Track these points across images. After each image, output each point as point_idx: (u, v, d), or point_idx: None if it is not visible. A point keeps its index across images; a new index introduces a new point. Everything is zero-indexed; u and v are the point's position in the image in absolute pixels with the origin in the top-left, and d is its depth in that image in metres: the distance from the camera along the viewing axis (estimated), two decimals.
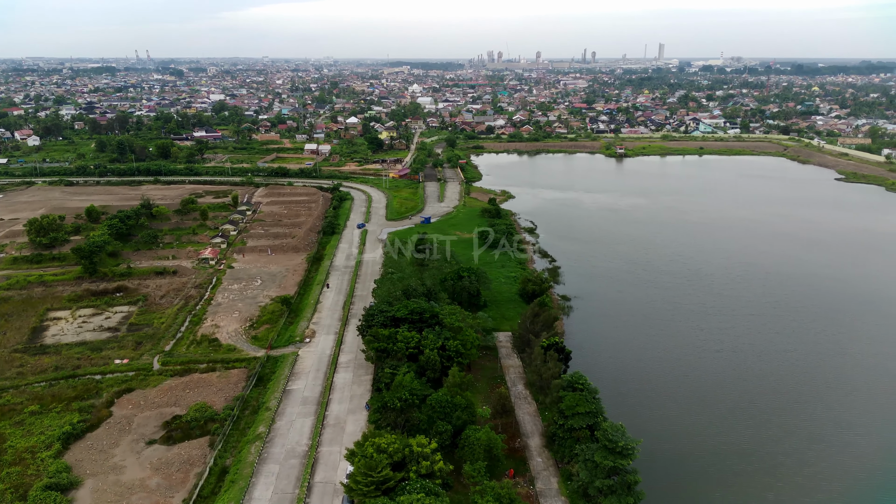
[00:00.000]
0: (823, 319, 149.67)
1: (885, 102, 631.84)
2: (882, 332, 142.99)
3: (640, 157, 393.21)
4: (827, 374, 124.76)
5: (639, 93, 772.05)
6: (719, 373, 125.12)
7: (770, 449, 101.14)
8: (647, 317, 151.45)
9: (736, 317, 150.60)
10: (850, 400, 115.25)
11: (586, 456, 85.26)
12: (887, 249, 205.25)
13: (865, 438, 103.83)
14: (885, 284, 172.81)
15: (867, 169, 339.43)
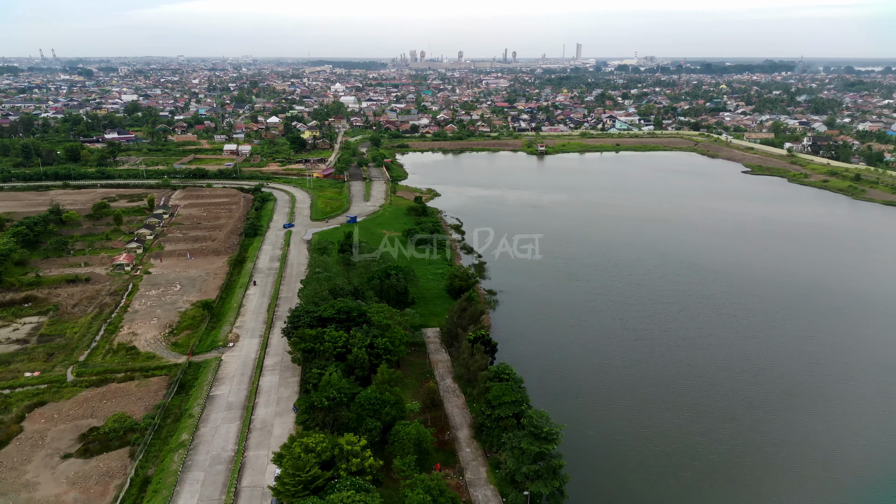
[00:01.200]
0: (733, 304, 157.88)
1: (787, 99, 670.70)
2: (788, 314, 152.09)
3: (561, 155, 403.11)
4: (737, 356, 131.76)
5: (558, 92, 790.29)
6: (638, 359, 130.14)
7: (686, 429, 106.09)
8: (569, 308, 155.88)
9: (653, 305, 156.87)
10: (759, 380, 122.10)
11: (513, 443, 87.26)
12: (789, 236, 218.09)
13: (773, 415, 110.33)
14: (788, 269, 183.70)
15: (771, 161, 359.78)
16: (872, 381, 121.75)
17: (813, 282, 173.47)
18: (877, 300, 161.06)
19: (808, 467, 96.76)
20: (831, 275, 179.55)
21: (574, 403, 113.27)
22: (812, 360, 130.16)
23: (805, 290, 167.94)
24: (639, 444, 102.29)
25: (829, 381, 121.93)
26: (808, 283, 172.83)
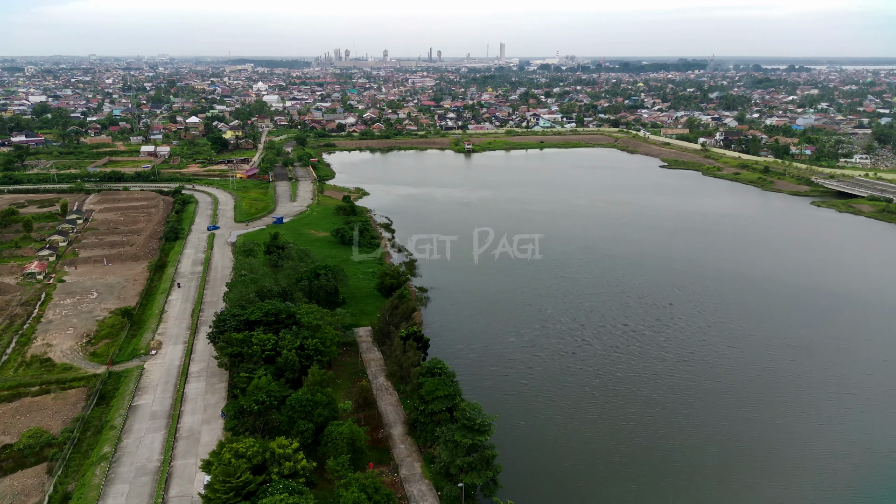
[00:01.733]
0: (655, 294, 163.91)
1: (700, 96, 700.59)
2: (705, 302, 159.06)
3: (487, 152, 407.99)
4: (659, 343, 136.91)
5: (483, 90, 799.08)
6: (566, 350, 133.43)
7: (612, 415, 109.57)
8: (499, 302, 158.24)
9: (579, 298, 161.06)
10: (680, 365, 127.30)
11: (447, 437, 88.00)
12: (705, 227, 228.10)
13: (694, 398, 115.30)
14: (705, 259, 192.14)
15: (686, 156, 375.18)
16: (783, 359, 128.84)
17: (728, 269, 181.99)
18: (784, 285, 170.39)
19: (726, 447, 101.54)
20: (744, 262, 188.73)
21: (505, 395, 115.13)
22: (728, 343, 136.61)
23: (721, 278, 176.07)
24: (568, 431, 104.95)
25: (745, 363, 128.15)
26: (723, 270, 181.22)
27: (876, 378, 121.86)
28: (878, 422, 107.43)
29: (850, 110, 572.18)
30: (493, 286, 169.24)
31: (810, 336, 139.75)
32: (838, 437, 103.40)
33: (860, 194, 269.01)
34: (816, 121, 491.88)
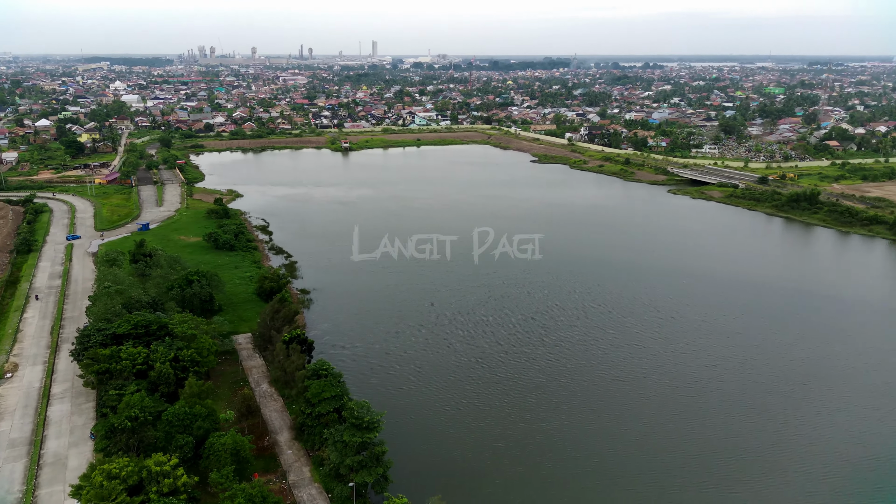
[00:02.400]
0: (532, 284, 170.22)
1: (565, 93, 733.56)
2: (578, 287, 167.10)
3: (365, 150, 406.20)
4: (538, 330, 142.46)
5: (357, 88, 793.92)
6: (449, 342, 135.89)
7: (497, 402, 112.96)
8: (384, 300, 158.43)
9: (461, 291, 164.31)
10: (559, 349, 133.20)
11: (335, 438, 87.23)
12: (575, 219, 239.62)
13: (574, 381, 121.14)
14: (575, 248, 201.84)
15: (555, 151, 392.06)
16: (648, 338, 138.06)
17: (598, 256, 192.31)
18: (649, 268, 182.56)
19: (603, 424, 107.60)
20: (611, 249, 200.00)
21: (393, 391, 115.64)
22: (599, 326, 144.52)
23: (594, 264, 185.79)
24: (455, 422, 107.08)
25: (616, 344, 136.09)
26: (594, 258, 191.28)
27: (710, 342, 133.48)
28: (682, 387, 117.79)
29: (699, 104, 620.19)
30: (376, 284, 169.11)
31: (669, 313, 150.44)
32: (673, 400, 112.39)
33: (710, 181, 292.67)
34: (670, 115, 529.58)
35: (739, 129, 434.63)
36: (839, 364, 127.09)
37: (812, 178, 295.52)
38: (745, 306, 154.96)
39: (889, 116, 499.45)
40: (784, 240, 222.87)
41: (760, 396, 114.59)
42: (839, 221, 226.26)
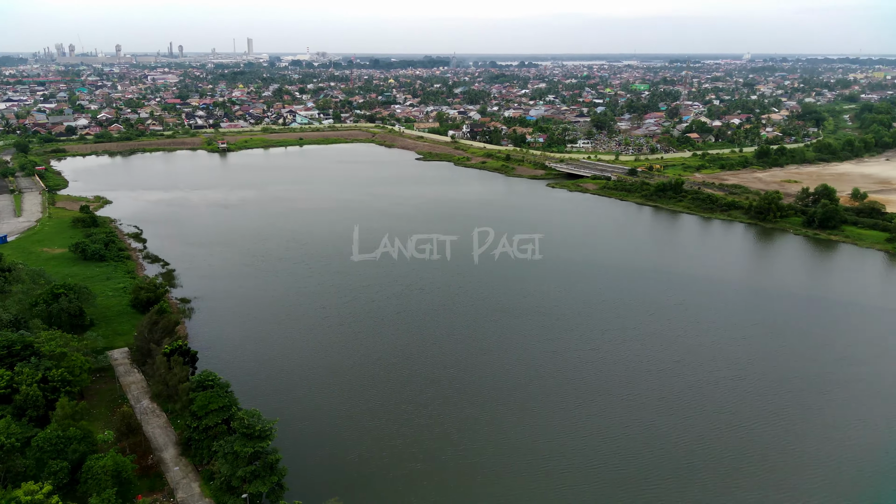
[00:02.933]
0: (419, 280, 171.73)
1: (446, 91, 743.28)
2: (467, 280, 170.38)
3: (244, 151, 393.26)
4: (428, 325, 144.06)
5: (234, 87, 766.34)
6: (343, 343, 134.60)
7: (394, 401, 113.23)
8: (273, 304, 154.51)
9: (350, 291, 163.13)
10: (453, 343, 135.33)
11: (226, 449, 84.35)
12: (459, 213, 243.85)
13: (469, 374, 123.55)
14: (460, 243, 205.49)
15: (439, 148, 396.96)
16: (534, 326, 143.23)
17: (489, 251, 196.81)
18: (540, 260, 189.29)
19: (498, 413, 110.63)
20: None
21: (285, 396, 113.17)
22: (493, 318, 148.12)
23: (478, 258, 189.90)
24: (351, 423, 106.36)
25: (508, 338, 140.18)
26: (479, 252, 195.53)
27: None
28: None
29: (572, 101, 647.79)
30: (264, 288, 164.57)
31: (548, 301, 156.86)
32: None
33: (585, 174, 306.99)
34: (546, 111, 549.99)
35: (610, 124, 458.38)
36: (704, 340, 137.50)
37: (676, 169, 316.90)
38: (625, 290, 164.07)
39: (741, 110, 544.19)
40: (654, 226, 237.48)
41: (627, 375, 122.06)
42: (702, 208, 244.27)
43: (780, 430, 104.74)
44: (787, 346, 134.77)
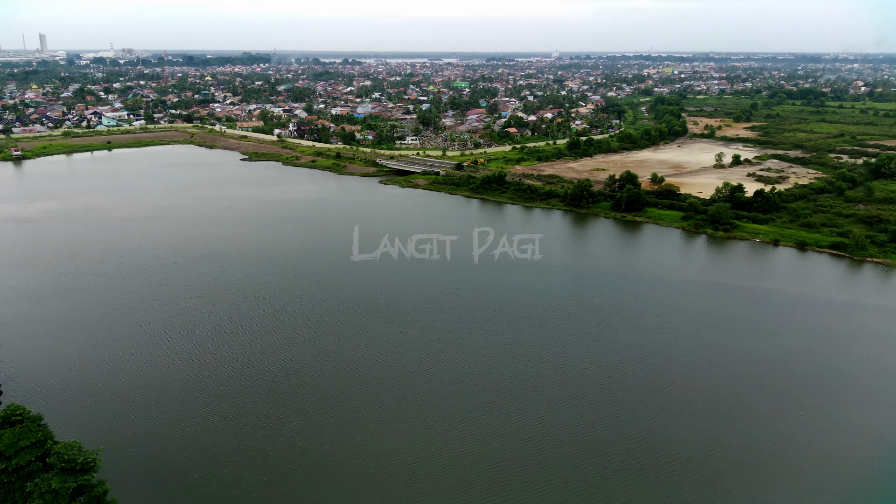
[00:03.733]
0: (259, 286, 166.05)
1: (269, 89, 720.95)
2: (302, 283, 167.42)
3: (43, 158, 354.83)
4: (265, 331, 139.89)
5: (26, 88, 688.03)
6: (173, 361, 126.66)
7: (233, 414, 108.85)
8: (89, 325, 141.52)
9: (178, 303, 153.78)
10: (293, 351, 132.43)
11: (42, 488, 76.47)
12: (293, 215, 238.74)
13: (309, 379, 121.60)
14: (299, 244, 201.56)
15: (265, 148, 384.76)
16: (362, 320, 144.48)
17: (319, 248, 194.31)
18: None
19: (342, 415, 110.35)
20: (336, 242, 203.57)
21: (111, 423, 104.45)
22: (339, 321, 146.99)
23: (312, 257, 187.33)
24: (189, 443, 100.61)
25: (324, 341, 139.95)
26: (315, 251, 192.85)
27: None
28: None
29: (398, 98, 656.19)
30: (77, 308, 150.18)
31: (382, 297, 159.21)
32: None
33: (415, 170, 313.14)
34: (373, 109, 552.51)
35: (435, 120, 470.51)
36: (531, 322, 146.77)
37: (499, 162, 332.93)
38: (461, 282, 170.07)
39: (553, 104, 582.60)
40: (482, 217, 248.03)
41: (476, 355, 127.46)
42: (523, 198, 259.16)
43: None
44: (605, 322, 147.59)
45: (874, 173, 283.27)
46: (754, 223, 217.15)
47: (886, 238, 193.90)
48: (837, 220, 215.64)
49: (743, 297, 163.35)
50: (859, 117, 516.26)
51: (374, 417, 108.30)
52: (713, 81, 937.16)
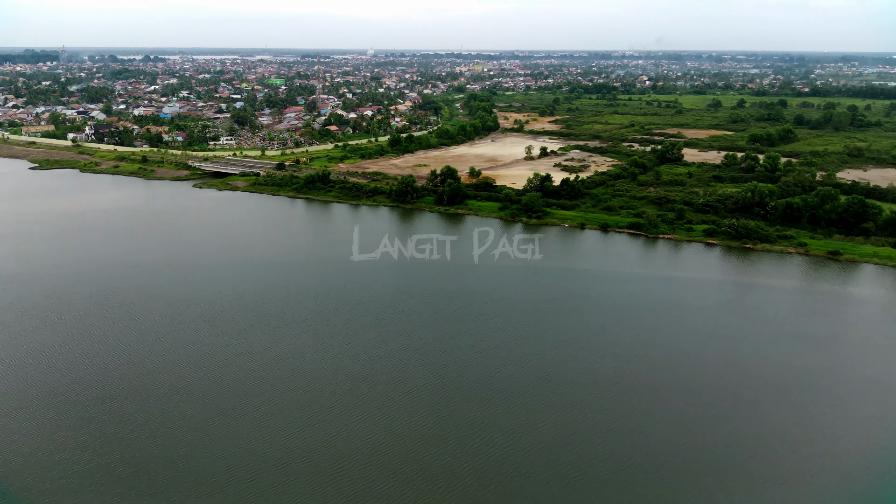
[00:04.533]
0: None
1: (59, 89, 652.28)
2: (123, 295, 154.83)
3: None
4: (90, 338, 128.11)
5: None
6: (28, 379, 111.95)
7: (55, 425, 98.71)
8: None
9: None
10: (124, 363, 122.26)
11: None
12: (99, 226, 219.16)
13: (149, 386, 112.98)
14: (112, 256, 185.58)
15: (59, 154, 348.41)
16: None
17: (153, 260, 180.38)
18: (192, 264, 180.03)
19: (202, 426, 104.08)
20: (148, 252, 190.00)
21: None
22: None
23: (154, 270, 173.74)
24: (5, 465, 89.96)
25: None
26: (130, 261, 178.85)
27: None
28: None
29: (208, 97, 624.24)
30: None
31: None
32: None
33: (233, 172, 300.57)
34: (181, 108, 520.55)
35: (251, 119, 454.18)
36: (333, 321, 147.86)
37: (322, 161, 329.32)
38: (286, 287, 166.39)
39: (372, 102, 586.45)
40: (308, 218, 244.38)
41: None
42: (350, 196, 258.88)
43: None
44: (438, 310, 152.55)
45: (660, 159, 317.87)
46: (563, 209, 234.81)
47: (674, 216, 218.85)
48: (633, 203, 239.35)
49: (562, 277, 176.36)
50: (646, 108, 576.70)
51: (219, 415, 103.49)
52: (519, 78, 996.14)
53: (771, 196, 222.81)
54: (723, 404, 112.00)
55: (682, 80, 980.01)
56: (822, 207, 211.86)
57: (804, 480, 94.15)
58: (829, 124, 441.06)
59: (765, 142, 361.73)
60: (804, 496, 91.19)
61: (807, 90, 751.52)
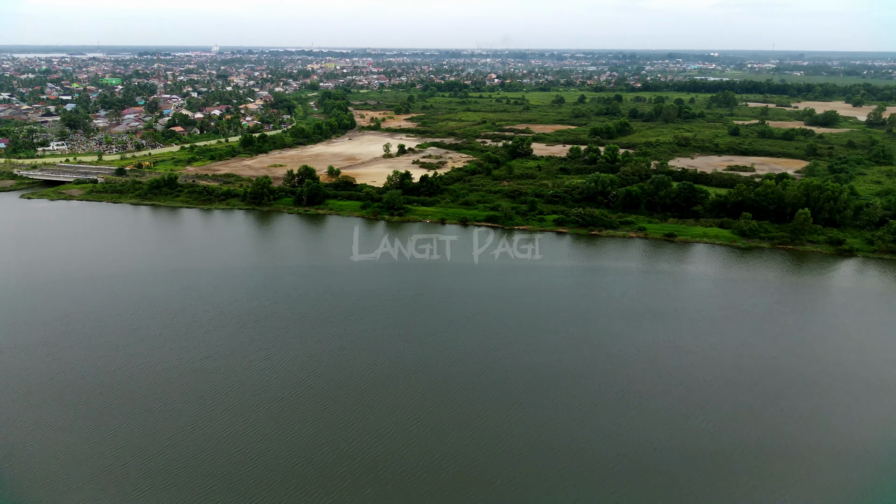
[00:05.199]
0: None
1: None
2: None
3: None
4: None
5: None
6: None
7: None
8: None
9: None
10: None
11: None
12: None
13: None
14: None
15: None
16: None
17: None
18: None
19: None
20: None
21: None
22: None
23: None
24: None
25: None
26: None
27: None
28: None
29: (34, 99, 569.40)
30: None
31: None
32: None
33: (67, 179, 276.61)
34: (2, 112, 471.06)
35: (85, 122, 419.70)
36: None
37: (167, 164, 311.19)
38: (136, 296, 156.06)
39: (220, 101, 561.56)
40: (154, 226, 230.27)
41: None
42: (200, 200, 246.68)
43: None
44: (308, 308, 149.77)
45: (512, 153, 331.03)
46: (423, 206, 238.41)
47: (527, 208, 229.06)
48: (489, 197, 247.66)
49: (430, 270, 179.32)
50: (496, 105, 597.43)
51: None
52: (373, 76, 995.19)
53: (612, 185, 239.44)
54: (580, 380, 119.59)
55: (527, 77, 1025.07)
56: (658, 194, 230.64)
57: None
58: (660, 116, 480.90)
59: (605, 135, 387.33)
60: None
61: (639, 85, 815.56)
